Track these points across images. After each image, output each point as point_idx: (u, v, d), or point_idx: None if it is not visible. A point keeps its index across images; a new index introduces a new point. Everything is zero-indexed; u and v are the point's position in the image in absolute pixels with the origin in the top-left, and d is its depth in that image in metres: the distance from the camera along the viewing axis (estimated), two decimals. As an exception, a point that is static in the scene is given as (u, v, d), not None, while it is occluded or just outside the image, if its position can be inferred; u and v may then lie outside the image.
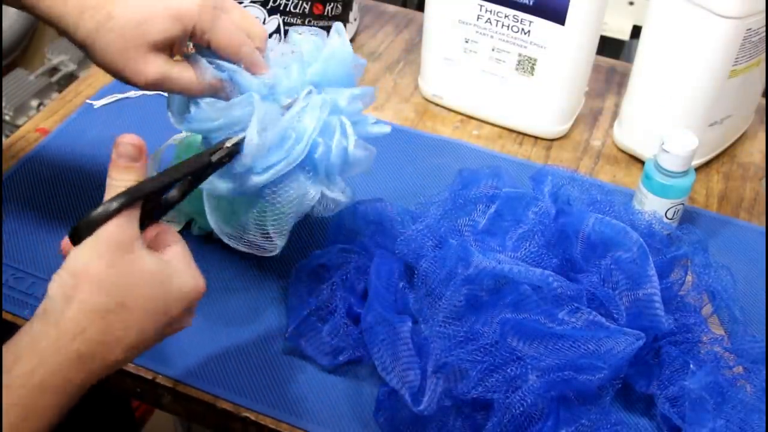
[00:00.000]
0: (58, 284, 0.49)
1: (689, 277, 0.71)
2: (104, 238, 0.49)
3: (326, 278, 0.71)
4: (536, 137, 0.96)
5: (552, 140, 0.96)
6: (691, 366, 0.64)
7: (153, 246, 0.53)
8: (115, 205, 0.48)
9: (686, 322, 0.68)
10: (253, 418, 0.66)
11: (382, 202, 0.75)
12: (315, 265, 0.72)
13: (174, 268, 0.53)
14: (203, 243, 0.77)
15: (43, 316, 0.49)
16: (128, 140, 0.51)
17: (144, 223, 0.51)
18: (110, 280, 0.49)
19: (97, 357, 0.49)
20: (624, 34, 1.57)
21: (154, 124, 0.93)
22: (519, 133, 0.97)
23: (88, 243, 0.49)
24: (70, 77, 1.67)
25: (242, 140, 0.58)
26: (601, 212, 0.70)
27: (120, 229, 0.49)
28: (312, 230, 0.80)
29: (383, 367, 0.62)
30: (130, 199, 0.49)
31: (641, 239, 0.66)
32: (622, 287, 0.65)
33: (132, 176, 0.51)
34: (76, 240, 0.49)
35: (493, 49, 0.92)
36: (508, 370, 0.61)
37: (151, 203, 0.51)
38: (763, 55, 0.84)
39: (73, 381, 0.48)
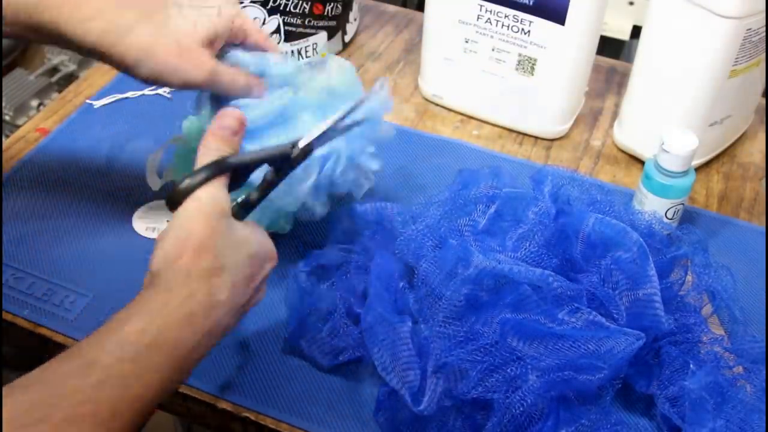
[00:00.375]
0: (161, 256, 0.51)
1: (689, 277, 0.71)
2: (203, 203, 0.52)
3: (326, 278, 0.71)
4: (536, 137, 0.96)
5: (552, 140, 0.96)
6: (691, 366, 0.64)
7: None
8: (209, 172, 0.52)
9: (686, 322, 0.68)
10: (253, 418, 0.66)
11: (382, 202, 0.75)
12: (315, 265, 0.72)
13: (258, 235, 0.57)
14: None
15: (151, 286, 0.51)
16: (232, 114, 0.55)
17: None
18: (212, 244, 0.52)
19: (203, 316, 0.51)
20: (624, 34, 1.57)
21: (154, 123, 0.93)
22: (519, 133, 0.97)
23: (189, 209, 0.52)
24: (70, 77, 1.67)
25: (317, 140, 0.60)
26: (601, 212, 0.70)
27: (215, 194, 0.53)
28: (312, 230, 0.80)
29: (383, 367, 0.62)
30: (224, 167, 0.52)
31: (641, 239, 0.66)
32: (622, 287, 0.65)
33: (227, 147, 0.54)
34: (173, 205, 0.52)
35: (493, 49, 0.92)
36: (508, 370, 0.61)
37: (231, 182, 0.55)
38: (763, 55, 0.84)
39: (184, 342, 0.50)
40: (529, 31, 0.88)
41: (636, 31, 1.55)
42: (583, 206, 0.71)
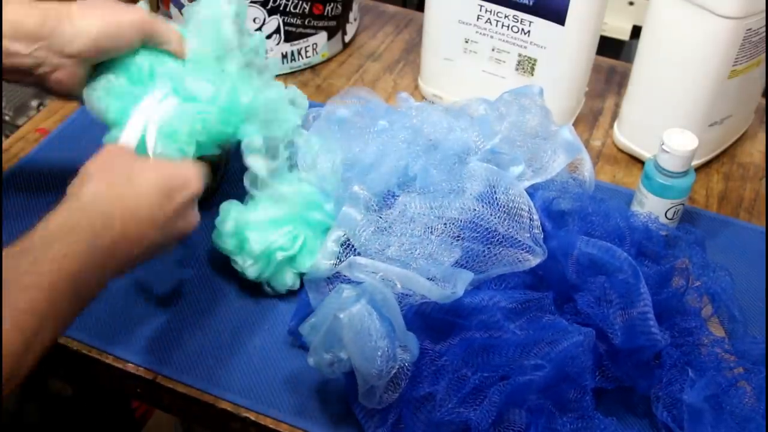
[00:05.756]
0: (74, 181, 0.58)
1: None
2: (107, 150, 0.61)
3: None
4: (536, 137, 0.96)
5: (552, 140, 0.96)
6: (690, 374, 0.64)
7: None
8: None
9: (687, 325, 0.68)
10: (253, 418, 0.66)
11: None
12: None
13: (178, 164, 0.63)
14: (207, 249, 0.77)
15: (62, 202, 0.56)
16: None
17: None
18: (115, 163, 0.60)
19: (116, 219, 0.56)
20: (624, 34, 1.57)
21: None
22: (519, 133, 0.97)
23: (94, 156, 0.60)
24: (71, 77, 1.67)
25: None
26: (595, 225, 0.70)
27: (117, 146, 0.63)
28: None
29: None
30: None
31: (629, 258, 0.65)
32: (615, 306, 0.65)
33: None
34: None
35: (493, 49, 0.92)
36: (466, 389, 0.61)
37: None
38: (763, 55, 0.84)
39: (101, 234, 0.54)
40: (529, 31, 0.88)
41: (636, 31, 1.55)
42: (576, 220, 0.71)
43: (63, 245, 0.52)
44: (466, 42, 0.92)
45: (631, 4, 1.56)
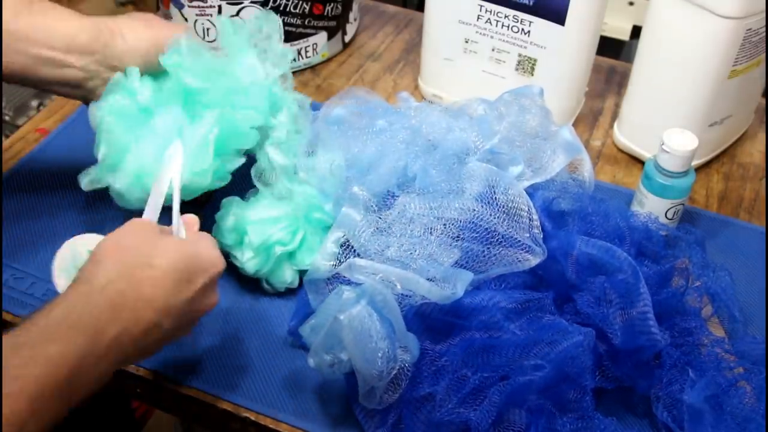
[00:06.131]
0: (88, 260, 0.54)
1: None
2: (129, 224, 0.58)
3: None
4: (536, 137, 0.96)
5: (552, 140, 0.96)
6: (690, 374, 0.64)
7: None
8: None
9: (687, 325, 0.68)
10: (253, 418, 0.66)
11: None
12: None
13: (199, 244, 0.60)
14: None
15: (73, 284, 0.54)
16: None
17: None
18: (137, 245, 0.56)
19: (127, 308, 0.53)
20: (624, 34, 1.57)
21: (154, 124, 0.93)
22: (519, 133, 0.97)
23: (123, 226, 0.57)
24: (70, 77, 1.67)
25: None
26: (595, 225, 0.70)
27: (141, 221, 0.59)
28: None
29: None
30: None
31: (629, 258, 0.65)
32: (615, 306, 0.65)
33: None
34: None
35: (493, 49, 0.92)
36: (466, 389, 0.61)
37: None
38: (763, 55, 0.84)
39: (105, 327, 0.51)
40: (529, 31, 0.88)
41: (636, 31, 1.55)
42: (576, 220, 0.71)
43: (62, 344, 0.49)
44: (466, 42, 0.92)
45: (631, 4, 1.56)
